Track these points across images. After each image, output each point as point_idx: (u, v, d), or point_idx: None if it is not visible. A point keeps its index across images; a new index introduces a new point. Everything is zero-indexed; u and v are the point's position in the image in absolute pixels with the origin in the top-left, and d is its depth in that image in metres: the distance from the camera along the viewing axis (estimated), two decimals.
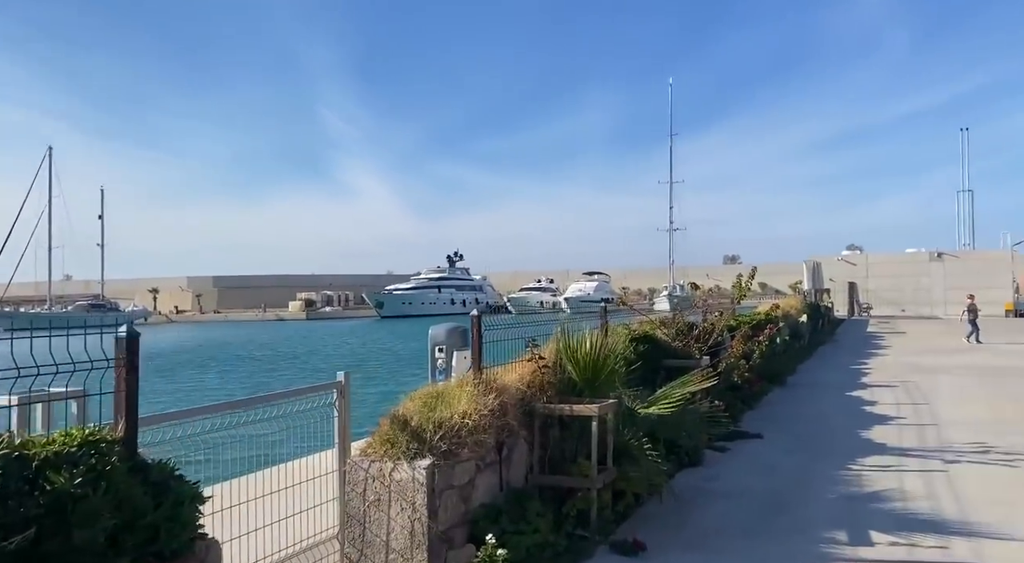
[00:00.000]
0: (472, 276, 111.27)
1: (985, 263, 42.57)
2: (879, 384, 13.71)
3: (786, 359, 16.10)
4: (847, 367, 16.88)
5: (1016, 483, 6.80)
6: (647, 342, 8.58)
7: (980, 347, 21.22)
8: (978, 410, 10.73)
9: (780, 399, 12.30)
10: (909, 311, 43.35)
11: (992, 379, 14.20)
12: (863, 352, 20.48)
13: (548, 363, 6.13)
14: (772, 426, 9.86)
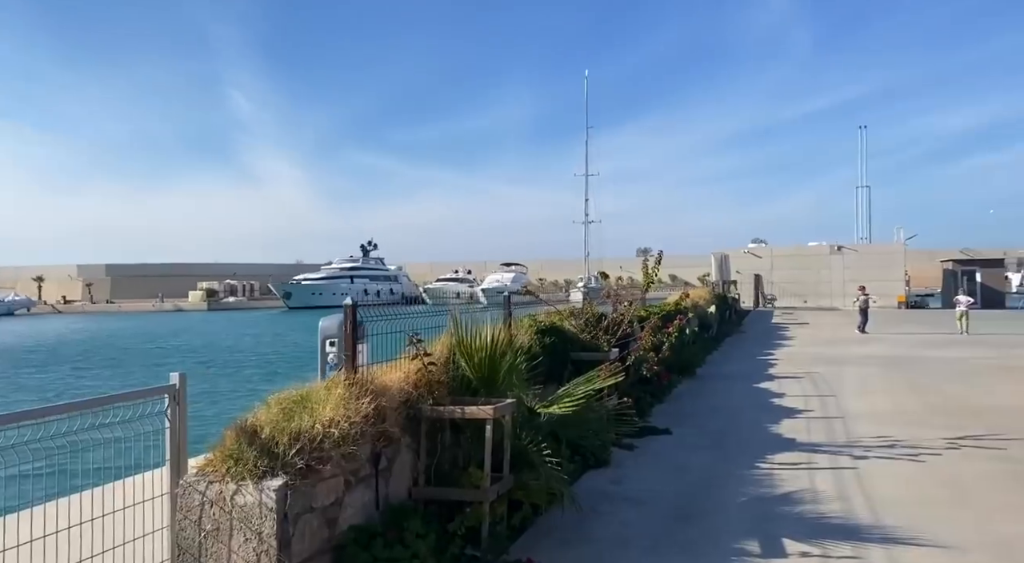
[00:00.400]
0: (387, 266, 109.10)
1: (880, 256, 44.71)
2: (786, 375, 13.72)
3: (696, 350, 15.98)
4: (755, 358, 16.96)
5: (923, 479, 6.60)
6: (554, 334, 8.01)
7: (878, 337, 21.92)
8: (881, 401, 10.75)
9: (690, 391, 12.06)
10: (811, 302, 45.03)
11: (891, 369, 14.48)
12: (769, 343, 20.79)
13: (439, 360, 5.44)
14: (682, 421, 9.52)
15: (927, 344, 19.66)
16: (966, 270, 43.84)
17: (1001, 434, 8.21)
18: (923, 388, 11.90)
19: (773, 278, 46.30)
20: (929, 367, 14.68)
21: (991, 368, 14.32)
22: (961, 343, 19.76)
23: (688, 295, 14.97)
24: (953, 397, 10.98)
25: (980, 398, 10.82)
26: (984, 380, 12.65)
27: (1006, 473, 6.68)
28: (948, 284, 43.68)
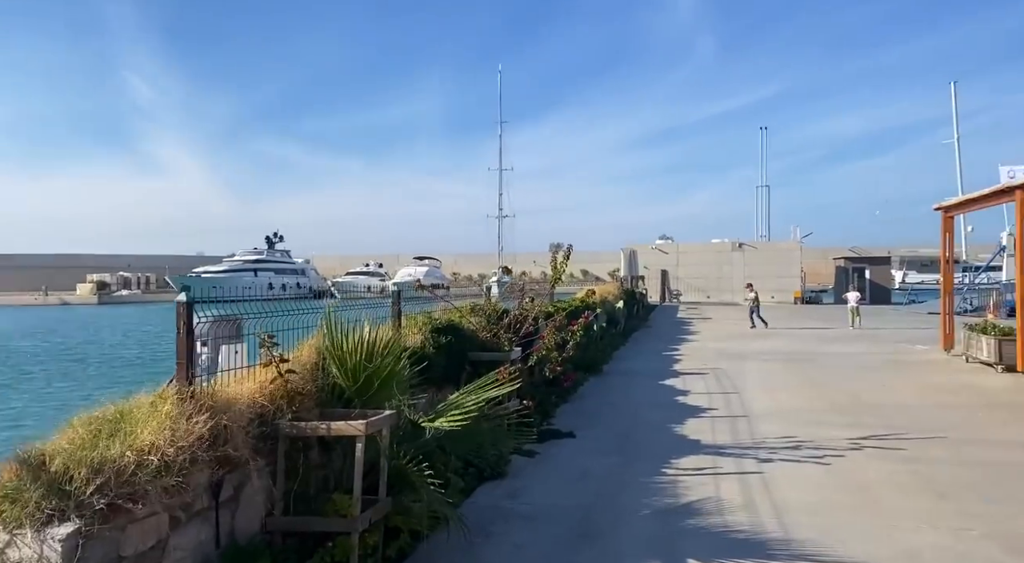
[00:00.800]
0: (293, 259, 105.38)
1: (778, 253, 46.44)
2: (690, 372, 13.60)
3: (603, 346, 15.73)
4: (660, 353, 16.88)
5: (830, 484, 6.36)
6: (451, 333, 7.35)
7: (777, 333, 22.44)
8: (783, 398, 10.68)
9: (596, 390, 11.69)
10: (713, 297, 46.31)
11: (791, 364, 14.64)
12: (675, 338, 20.88)
13: (306, 365, 4.69)
14: (586, 422, 9.08)
15: (823, 339, 20.21)
16: (856, 267, 46.16)
17: (900, 433, 8.16)
18: (822, 384, 11.97)
19: (679, 274, 47.35)
20: (826, 363, 14.93)
21: (883, 364, 14.69)
22: (853, 338, 20.43)
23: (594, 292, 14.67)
24: (851, 393, 11.04)
25: (876, 394, 10.93)
26: (878, 376, 12.89)
27: (909, 475, 6.53)
28: (840, 280, 45.86)
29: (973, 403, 9.99)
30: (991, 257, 43.58)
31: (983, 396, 10.53)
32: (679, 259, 47.83)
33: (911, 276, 68.69)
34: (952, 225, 15.72)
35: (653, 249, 48.33)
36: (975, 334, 13.66)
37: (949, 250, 15.88)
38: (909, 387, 11.53)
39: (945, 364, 14.25)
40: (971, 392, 10.87)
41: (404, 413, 4.97)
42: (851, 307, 25.17)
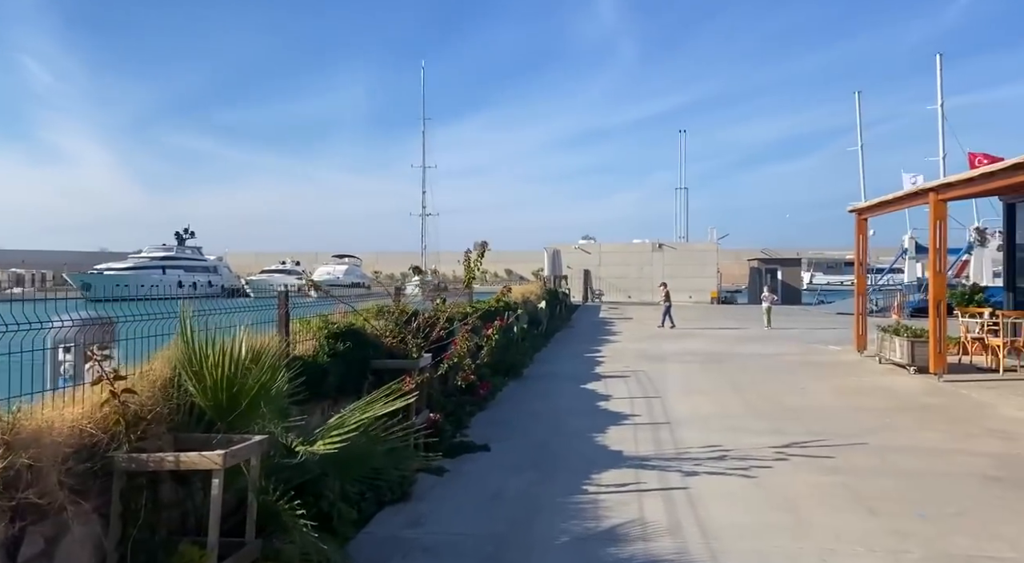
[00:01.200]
0: (205, 256, 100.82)
1: (696, 254, 47.32)
2: (612, 374, 13.22)
3: (524, 348, 15.20)
4: (582, 355, 16.49)
5: (757, 500, 5.96)
6: (350, 339, 6.59)
7: (696, 333, 22.52)
8: (704, 403, 10.39)
9: (515, 396, 11.11)
10: (635, 297, 46.75)
11: (711, 366, 14.49)
12: (597, 339, 20.60)
13: (156, 382, 3.87)
14: (503, 432, 8.49)
15: (740, 340, 20.34)
16: (769, 268, 47.57)
17: (823, 439, 7.92)
18: (742, 387, 11.78)
19: (601, 273, 47.58)
20: (745, 364, 14.87)
21: (799, 365, 14.73)
22: (768, 338, 20.65)
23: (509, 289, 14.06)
24: (770, 397, 10.86)
25: (795, 398, 10.78)
26: (795, 378, 12.84)
27: (838, 488, 6.21)
28: (754, 281, 47.16)
29: (889, 406, 9.94)
30: (894, 259, 45.76)
31: (897, 399, 10.53)
32: (601, 259, 48.08)
33: (818, 277, 71.70)
34: (865, 227, 15.98)
35: (576, 249, 48.40)
36: (888, 336, 13.84)
37: (863, 252, 16.13)
38: (826, 389, 11.46)
39: (859, 365, 14.40)
40: (886, 394, 10.87)
41: (280, 436, 4.21)
42: (766, 307, 25.64)
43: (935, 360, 11.95)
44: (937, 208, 11.85)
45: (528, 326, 18.63)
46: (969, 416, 9.20)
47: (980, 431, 8.31)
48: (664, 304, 25.61)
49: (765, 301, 26.16)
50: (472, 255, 7.27)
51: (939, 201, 11.83)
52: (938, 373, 11.96)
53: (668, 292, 26.09)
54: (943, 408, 9.73)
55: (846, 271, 79.21)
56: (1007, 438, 7.95)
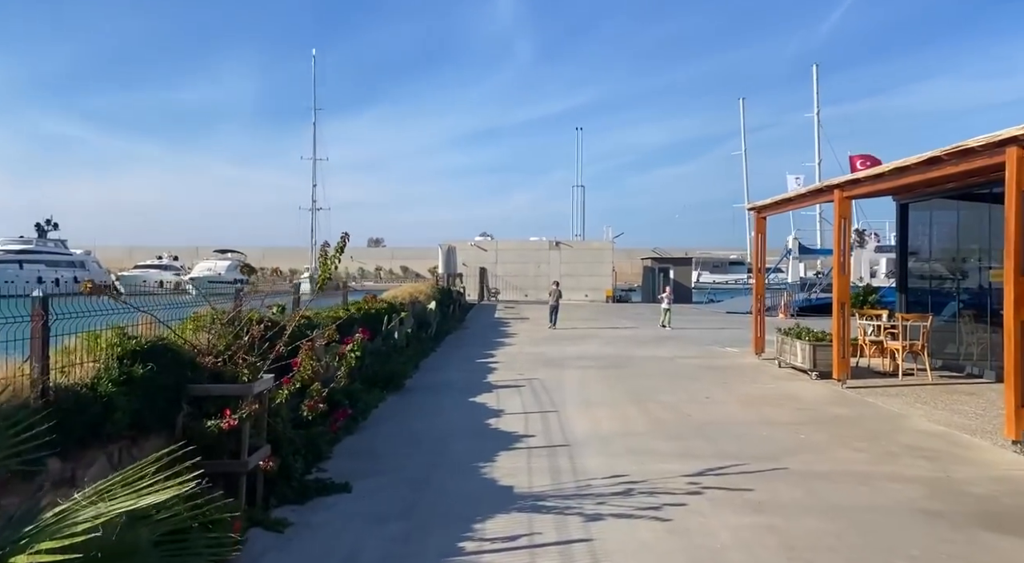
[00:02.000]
0: (71, 250, 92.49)
1: (592, 252, 47.21)
2: (506, 383, 12.03)
3: (409, 355, 13.76)
4: (474, 361, 15.23)
5: (675, 554, 4.85)
6: (156, 358, 4.98)
7: (592, 334, 21.79)
8: (605, 418, 9.35)
9: (394, 413, 9.69)
10: (531, 296, 46.05)
11: (609, 372, 13.58)
12: (491, 341, 19.41)
13: None
14: (372, 464, 7.09)
15: (637, 342, 19.72)
16: (662, 267, 48.13)
17: (738, 463, 7.00)
18: (644, 397, 10.86)
19: (498, 272, 46.60)
20: (644, 369, 14.06)
21: (698, 370, 14.08)
22: (665, 340, 20.16)
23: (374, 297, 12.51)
24: (675, 408, 9.98)
25: (701, 409, 9.94)
26: (697, 385, 12.09)
27: (764, 533, 5.21)
28: (647, 280, 47.54)
29: (800, 419, 9.24)
30: (778, 260, 47.27)
31: (806, 410, 9.88)
32: (498, 257, 47.10)
33: (704, 276, 73.93)
34: (764, 226, 15.58)
35: (472, 246, 47.20)
36: (789, 339, 13.38)
37: (761, 251, 15.72)
38: (731, 399, 10.72)
39: (759, 370, 13.89)
40: (793, 405, 10.22)
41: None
42: (664, 307, 25.30)
43: (839, 366, 11.48)
44: (842, 205, 11.37)
45: (416, 329, 17.21)
46: (883, 429, 8.59)
47: (899, 449, 7.64)
48: (551, 303, 24.80)
49: (664, 301, 25.75)
50: (329, 250, 5.79)
51: (844, 198, 11.35)
52: (842, 379, 11.50)
53: (560, 291, 25.36)
54: (855, 421, 9.11)
55: (731, 270, 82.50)
56: (929, 458, 7.29)
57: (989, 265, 12.68)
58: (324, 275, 5.77)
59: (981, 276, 13.11)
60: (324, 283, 5.78)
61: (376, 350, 11.93)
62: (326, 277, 5.73)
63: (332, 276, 5.70)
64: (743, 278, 76.52)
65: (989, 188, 12.17)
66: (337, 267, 5.87)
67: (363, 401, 9.13)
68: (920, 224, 15.07)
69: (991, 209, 12.47)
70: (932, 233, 14.62)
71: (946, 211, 14.14)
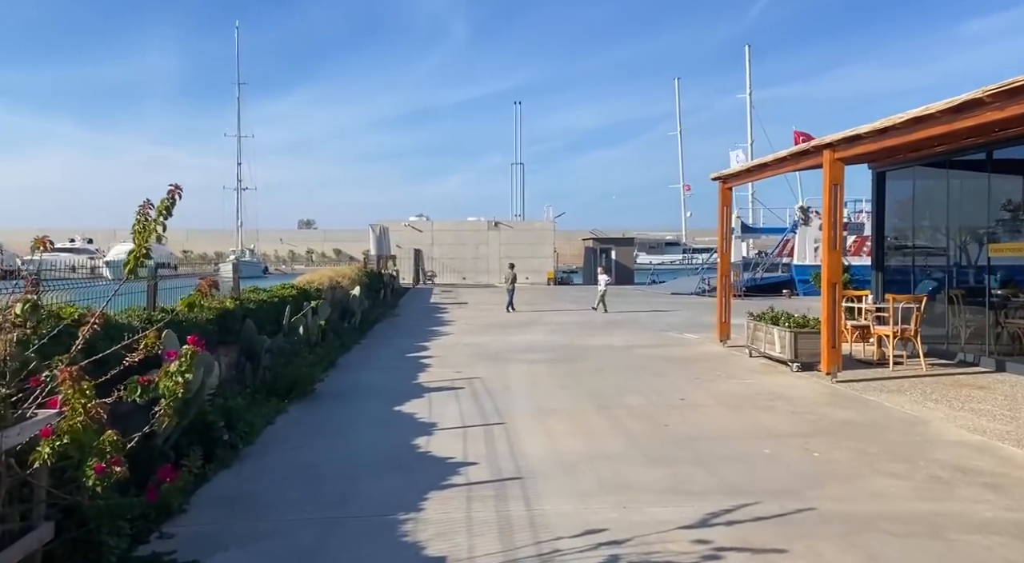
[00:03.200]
0: None
1: (532, 233, 45.35)
2: (441, 385, 9.99)
3: (323, 352, 11.53)
4: (405, 355, 13.12)
5: None
6: None
7: (536, 319, 19.95)
8: (567, 433, 7.43)
9: (291, 432, 7.53)
10: (469, 279, 43.97)
11: (561, 367, 11.70)
12: (425, 330, 17.30)
13: None
14: (245, 519, 4.98)
15: (586, 328, 17.95)
16: (604, 248, 46.68)
17: (750, 501, 5.18)
18: (607, 400, 9.00)
19: (434, 254, 44.29)
20: (600, 362, 12.24)
21: (660, 361, 12.35)
22: (615, 325, 18.46)
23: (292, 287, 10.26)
24: (648, 416, 8.15)
25: (680, 416, 8.14)
26: (665, 382, 10.33)
27: None
28: (589, 261, 46.02)
29: (802, 428, 7.53)
30: None
31: (805, 414, 8.19)
32: (434, 238, 44.76)
33: (642, 257, 73.28)
34: (730, 197, 13.92)
35: (407, 226, 44.70)
36: (763, 324, 11.75)
37: (726, 225, 14.07)
38: (709, 401, 8.96)
39: (729, 360, 12.23)
40: (786, 407, 8.53)
41: None
42: (601, 290, 23.61)
43: (828, 357, 9.88)
44: (833, 169, 9.70)
45: (338, 318, 14.96)
46: (910, 442, 6.93)
47: (946, 473, 5.97)
48: (508, 286, 23.08)
49: (601, 283, 24.03)
50: (151, 213, 3.61)
51: (836, 160, 9.69)
52: (832, 372, 9.90)
53: (515, 274, 23.70)
54: (870, 429, 7.44)
55: (667, 251, 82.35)
56: (991, 486, 5.63)
57: (988, 239, 11.29)
58: (136, 255, 3.58)
59: (979, 252, 11.73)
60: (137, 263, 3.59)
61: (278, 349, 9.69)
62: (138, 258, 3.54)
63: (144, 258, 3.53)
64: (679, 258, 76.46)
65: (986, 153, 10.73)
66: (162, 232, 3.70)
67: (246, 420, 6.93)
68: (900, 195, 13.66)
69: (991, 178, 11.05)
70: (915, 205, 13.21)
71: (933, 180, 12.74)
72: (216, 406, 6.74)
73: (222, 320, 8.35)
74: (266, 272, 75.78)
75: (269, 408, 8.10)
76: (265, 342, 9.40)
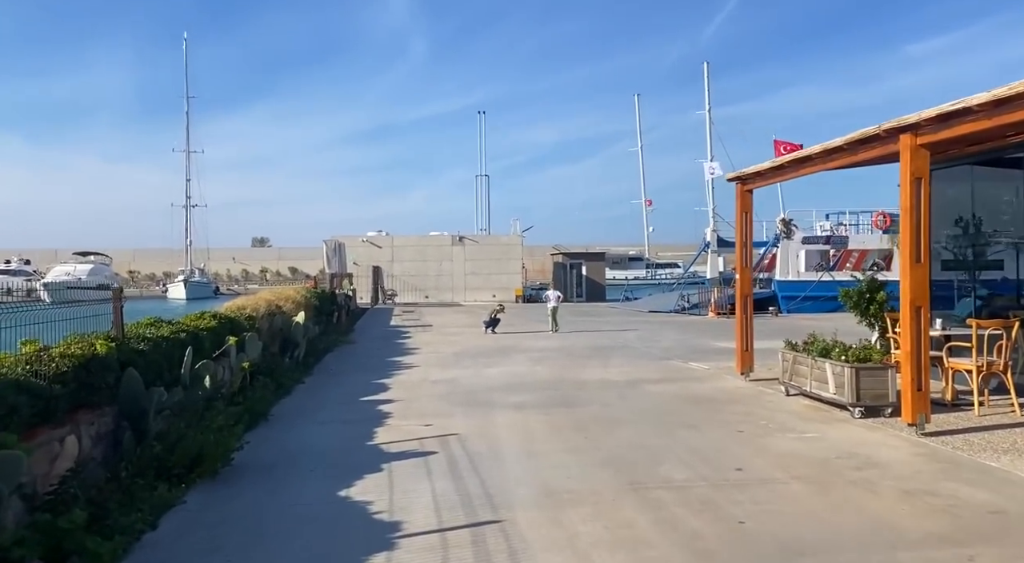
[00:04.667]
0: None
1: (499, 248, 42.97)
2: (406, 448, 7.43)
3: (248, 405, 8.81)
4: (358, 399, 10.51)
5: None
6: None
7: (514, 345, 17.47)
8: (598, 542, 4.94)
9: (176, 548, 4.87)
10: (433, 297, 41.32)
11: (559, 414, 9.22)
12: (385, 361, 14.67)
13: None
14: None
15: (571, 356, 15.53)
16: (574, 263, 44.49)
17: None
18: (637, 475, 6.52)
19: (394, 271, 41.56)
20: (606, 407, 9.79)
21: (679, 402, 9.99)
22: (607, 352, 16.10)
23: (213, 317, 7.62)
24: (705, 502, 5.72)
25: (752, 502, 5.72)
26: (704, 440, 7.95)
27: None
28: (559, 276, 43.73)
29: (939, 527, 5.15)
30: (696, 254, 44.68)
31: (923, 496, 5.83)
32: (394, 254, 42.04)
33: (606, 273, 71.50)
34: (750, 202, 11.64)
35: (365, 242, 41.92)
36: (808, 356, 9.44)
37: (748, 233, 11.81)
38: (780, 473, 6.54)
39: (764, 401, 9.90)
40: (888, 482, 6.16)
41: None
42: (552, 307, 21.54)
43: (914, 403, 7.58)
44: (916, 159, 7.48)
45: (279, 351, 12.27)
46: None
47: None
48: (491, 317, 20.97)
49: (550, 301, 22.01)
50: None
51: (920, 147, 7.47)
52: (918, 423, 7.61)
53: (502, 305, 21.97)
54: None
55: (631, 266, 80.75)
56: None
57: None
58: None
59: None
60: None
61: (178, 406, 7.01)
62: None
63: None
64: (643, 274, 74.84)
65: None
66: None
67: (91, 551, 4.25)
68: (943, 198, 11.57)
69: None
70: (975, 205, 11.11)
71: (992, 182, 10.69)
72: (40, 526, 4.08)
73: (85, 371, 5.68)
74: (217, 292, 71.68)
75: (152, 503, 5.44)
76: (162, 396, 6.73)
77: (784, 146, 35.03)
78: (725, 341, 17.80)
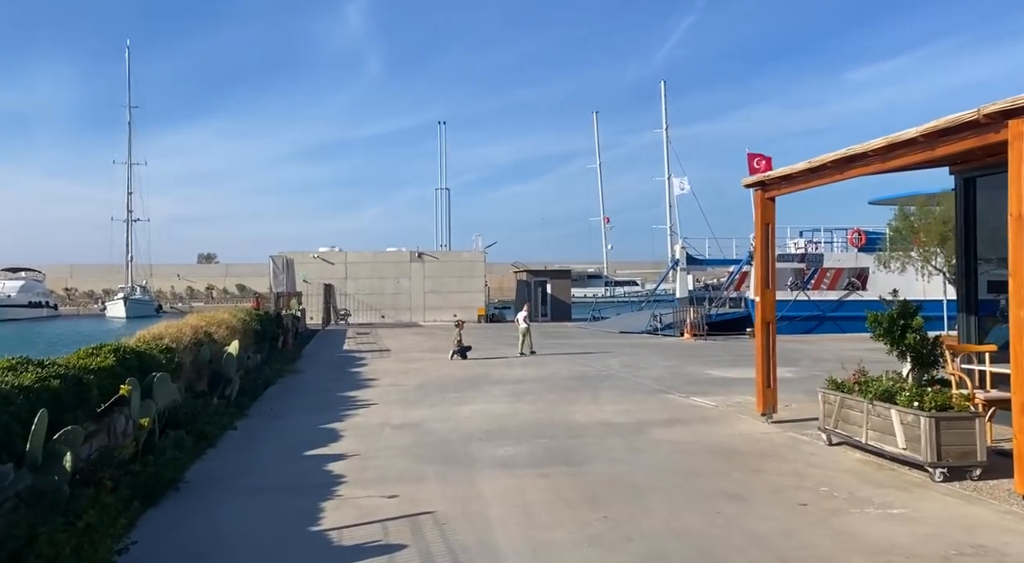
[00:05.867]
0: None
1: (461, 265, 40.91)
2: (364, 540, 5.38)
3: (145, 478, 6.59)
4: (300, 454, 8.35)
5: None
6: None
7: (486, 374, 15.45)
8: None
9: None
10: (389, 317, 39.00)
11: (560, 476, 7.25)
12: (336, 397, 12.49)
13: None
14: None
15: (553, 388, 13.61)
16: (539, 281, 42.71)
17: None
18: None
19: (348, 289, 39.09)
20: (617, 464, 7.85)
21: (707, 458, 8.13)
22: (594, 384, 14.22)
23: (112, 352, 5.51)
24: None
25: None
26: (765, 522, 6.11)
27: None
28: (522, 294, 41.84)
29: None
30: (665, 272, 43.29)
31: None
32: (348, 271, 39.62)
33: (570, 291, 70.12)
34: (772, 211, 9.91)
35: (316, 258, 39.42)
36: (863, 401, 7.66)
37: (771, 246, 10.09)
38: None
39: (805, 454, 8.08)
40: None
41: None
42: (522, 328, 20.13)
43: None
44: (1020, 142, 5.80)
45: (207, 389, 10.03)
46: None
47: None
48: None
49: (521, 321, 20.54)
50: None
51: (1021, 134, 5.80)
52: None
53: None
54: None
55: (589, 284, 79.50)
56: None
57: None
58: None
59: None
60: None
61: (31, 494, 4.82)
62: None
63: None
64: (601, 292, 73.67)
65: None
66: None
67: None
68: (987, 207, 10.05)
69: None
70: None
71: None
72: None
73: None
74: (159, 311, 67.57)
75: None
76: (7, 477, 4.55)
77: (757, 159, 34.02)
78: (718, 369, 16.11)
